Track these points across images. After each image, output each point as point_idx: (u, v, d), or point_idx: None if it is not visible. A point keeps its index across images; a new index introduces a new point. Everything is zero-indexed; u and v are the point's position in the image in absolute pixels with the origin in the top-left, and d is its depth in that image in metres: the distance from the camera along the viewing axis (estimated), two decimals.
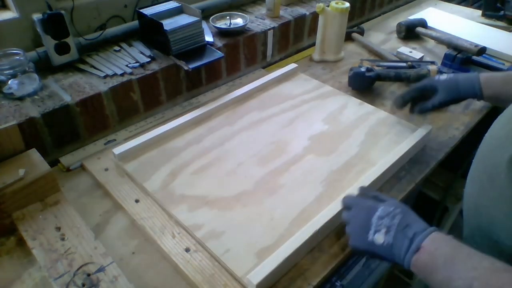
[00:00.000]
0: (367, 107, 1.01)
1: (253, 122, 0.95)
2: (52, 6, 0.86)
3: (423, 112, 0.87)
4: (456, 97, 0.83)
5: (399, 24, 1.41)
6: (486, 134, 0.61)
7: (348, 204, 0.65)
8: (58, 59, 0.90)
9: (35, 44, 0.90)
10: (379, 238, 0.56)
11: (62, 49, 0.89)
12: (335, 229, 0.72)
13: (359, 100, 1.03)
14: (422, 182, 0.86)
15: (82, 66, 0.93)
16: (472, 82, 0.80)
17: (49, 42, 0.87)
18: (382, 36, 1.43)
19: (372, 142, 0.89)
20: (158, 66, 0.96)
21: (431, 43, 1.39)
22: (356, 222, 0.61)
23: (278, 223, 0.70)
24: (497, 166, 0.53)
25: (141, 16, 0.99)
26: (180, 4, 1.02)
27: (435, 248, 0.50)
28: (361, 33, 1.39)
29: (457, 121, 1.01)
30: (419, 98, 0.87)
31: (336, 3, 1.15)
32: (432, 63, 1.13)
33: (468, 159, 1.58)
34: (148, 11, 0.98)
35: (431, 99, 0.84)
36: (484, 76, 0.80)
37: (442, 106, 0.84)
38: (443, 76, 0.85)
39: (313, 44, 1.32)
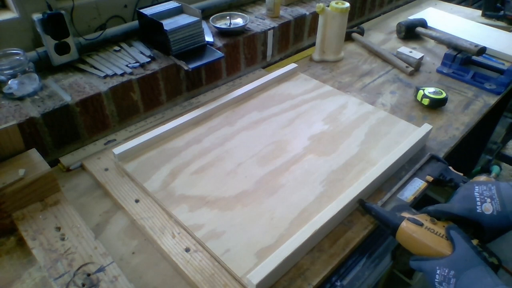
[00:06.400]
0: (367, 107, 1.01)
1: (253, 122, 0.95)
2: (52, 6, 0.86)
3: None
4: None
5: (399, 24, 1.41)
6: None
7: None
8: (58, 59, 0.90)
9: (35, 44, 0.90)
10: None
11: (62, 49, 0.89)
12: (335, 229, 0.72)
13: (359, 100, 1.03)
14: None
15: (82, 66, 0.93)
16: None
17: (49, 42, 0.87)
18: (382, 36, 1.43)
19: (372, 142, 0.89)
20: (158, 66, 0.96)
21: (431, 43, 1.39)
22: None
23: (278, 223, 0.70)
24: None
25: (141, 16, 0.99)
26: (180, 4, 1.02)
27: None
28: (361, 33, 1.39)
29: (457, 121, 1.01)
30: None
31: (336, 3, 1.15)
32: None
33: (471, 162, 1.58)
34: (148, 11, 0.98)
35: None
36: None
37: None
38: (488, 210, 0.62)
39: (313, 44, 1.32)
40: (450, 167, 0.80)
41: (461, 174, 0.78)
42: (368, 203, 0.72)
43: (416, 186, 0.78)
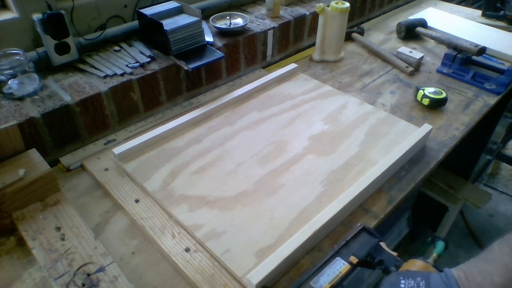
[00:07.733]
0: (367, 107, 1.01)
1: (253, 122, 0.95)
2: (52, 6, 0.86)
3: None
4: None
5: (399, 24, 1.41)
6: None
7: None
8: (58, 59, 0.90)
9: (35, 44, 0.90)
10: None
11: (62, 49, 0.89)
12: (335, 229, 0.72)
13: (359, 100, 1.03)
14: (422, 182, 0.86)
15: (82, 66, 0.93)
16: None
17: (49, 42, 0.87)
18: (382, 36, 1.43)
19: (372, 142, 0.89)
20: (158, 66, 0.96)
21: (431, 43, 1.39)
22: None
23: (278, 223, 0.70)
24: None
25: (141, 16, 0.99)
26: (180, 4, 1.02)
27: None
28: (361, 33, 1.39)
29: (457, 121, 1.01)
30: None
31: (336, 3, 1.15)
32: None
33: (471, 162, 1.59)
34: (148, 11, 0.98)
35: None
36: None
37: None
38: None
39: (313, 44, 1.32)
40: (382, 243, 0.64)
41: (395, 254, 0.63)
42: None
43: (335, 270, 0.60)
